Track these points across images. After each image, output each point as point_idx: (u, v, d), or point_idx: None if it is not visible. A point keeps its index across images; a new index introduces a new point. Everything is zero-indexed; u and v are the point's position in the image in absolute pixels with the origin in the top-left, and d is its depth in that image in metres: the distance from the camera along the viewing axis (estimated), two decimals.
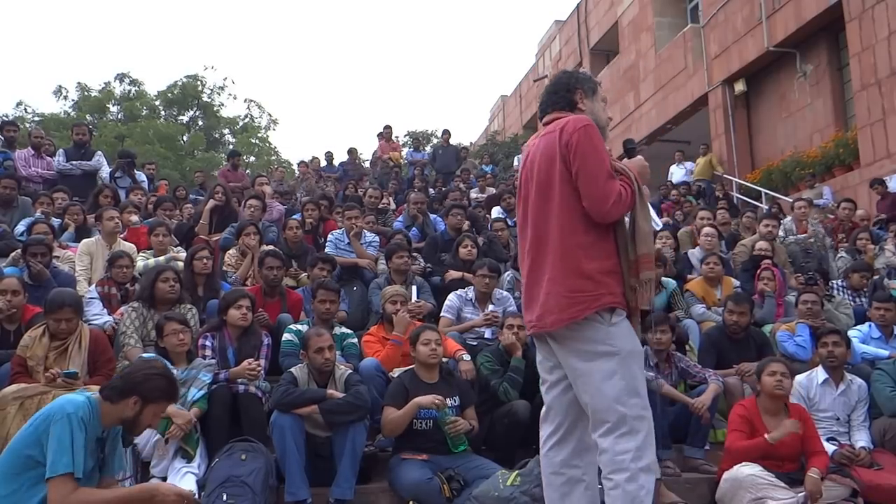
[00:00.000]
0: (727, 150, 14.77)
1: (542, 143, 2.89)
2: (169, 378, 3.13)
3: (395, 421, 4.29)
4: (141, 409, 3.00)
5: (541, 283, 2.81)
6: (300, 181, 14.58)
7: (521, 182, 3.01)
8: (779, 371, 4.41)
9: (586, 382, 2.74)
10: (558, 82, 3.03)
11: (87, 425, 2.89)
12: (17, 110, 26.52)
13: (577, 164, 2.75)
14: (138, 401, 2.99)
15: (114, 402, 2.99)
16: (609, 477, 2.70)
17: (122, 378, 3.07)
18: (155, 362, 3.30)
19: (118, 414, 3.01)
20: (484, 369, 4.81)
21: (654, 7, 17.41)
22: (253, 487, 3.82)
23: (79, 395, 3.00)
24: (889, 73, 10.74)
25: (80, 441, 2.85)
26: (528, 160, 2.95)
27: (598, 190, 2.73)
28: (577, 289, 2.72)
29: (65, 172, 9.12)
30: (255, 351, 4.80)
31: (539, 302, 2.80)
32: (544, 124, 2.97)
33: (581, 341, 2.75)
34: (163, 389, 3.05)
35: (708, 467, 4.67)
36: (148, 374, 3.05)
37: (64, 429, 2.82)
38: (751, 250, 7.30)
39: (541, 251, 2.83)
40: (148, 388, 3.00)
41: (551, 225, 2.81)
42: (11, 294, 4.84)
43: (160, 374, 3.09)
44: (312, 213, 8.01)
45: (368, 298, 6.33)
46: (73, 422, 2.84)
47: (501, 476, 3.96)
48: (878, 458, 4.60)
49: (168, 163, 23.62)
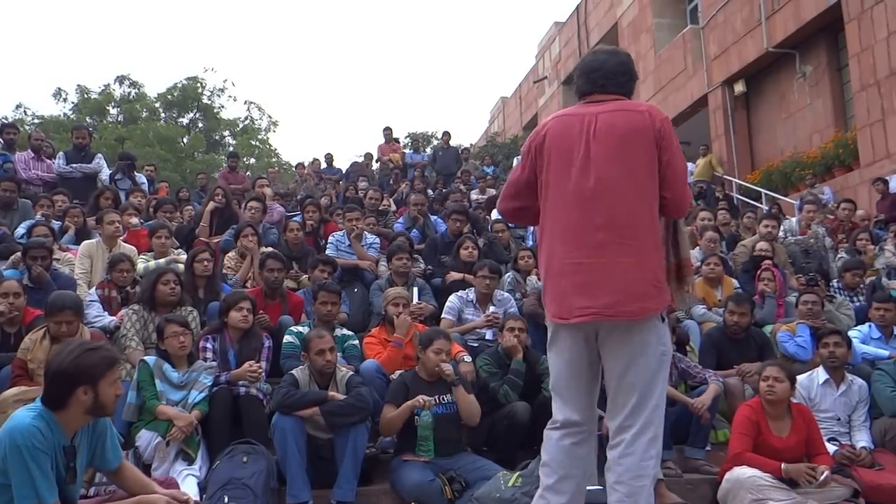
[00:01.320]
0: (727, 150, 14.79)
1: (620, 117, 2.72)
2: (94, 347, 2.89)
3: (391, 420, 4.30)
4: (95, 392, 2.79)
5: (617, 267, 2.62)
6: (300, 183, 14.60)
7: (572, 137, 2.73)
8: (771, 376, 4.40)
9: (643, 372, 2.67)
10: (625, 65, 2.89)
11: (42, 448, 2.69)
12: (16, 113, 26.60)
13: (668, 155, 2.69)
14: (87, 388, 2.78)
15: (65, 407, 2.78)
16: (629, 483, 2.63)
17: (52, 380, 2.80)
18: (65, 347, 2.94)
19: (77, 413, 2.81)
20: (483, 372, 4.81)
21: (654, 8, 17.42)
22: (254, 489, 3.82)
23: (27, 416, 2.75)
24: (888, 73, 10.75)
25: (39, 469, 2.66)
26: (586, 123, 2.72)
27: (684, 186, 2.77)
28: (660, 280, 2.69)
29: (65, 175, 9.11)
30: (256, 353, 4.80)
31: (617, 287, 2.62)
32: (601, 101, 2.79)
33: (647, 333, 2.67)
34: (99, 363, 2.82)
35: (709, 468, 4.66)
36: (74, 359, 2.78)
37: (17, 462, 2.65)
38: (751, 251, 7.31)
39: (624, 232, 2.64)
40: (85, 371, 2.78)
41: (641, 207, 2.67)
42: (13, 296, 4.84)
43: (82, 350, 2.83)
44: (313, 215, 8.01)
45: (369, 300, 6.33)
46: (24, 454, 2.65)
47: (503, 477, 3.97)
48: (879, 458, 4.60)
49: (168, 165, 23.64)
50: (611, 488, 2.69)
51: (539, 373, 4.77)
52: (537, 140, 2.83)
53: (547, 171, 2.78)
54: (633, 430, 2.66)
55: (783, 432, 4.38)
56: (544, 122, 2.88)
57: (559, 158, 2.75)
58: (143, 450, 4.09)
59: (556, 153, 2.76)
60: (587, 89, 2.86)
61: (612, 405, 2.76)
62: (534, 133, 2.88)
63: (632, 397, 2.67)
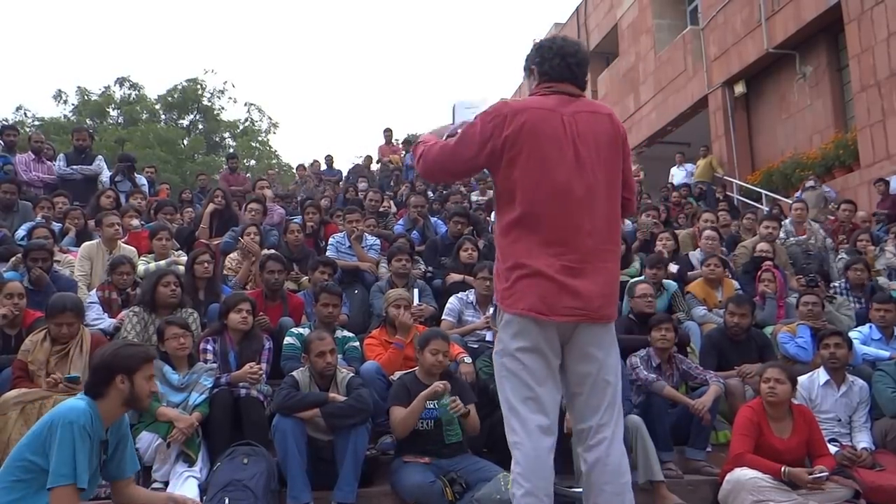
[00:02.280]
0: (727, 151, 14.80)
1: (596, 121, 2.73)
2: (132, 343, 3.25)
3: (406, 418, 4.26)
4: (131, 382, 3.01)
5: (602, 270, 2.69)
6: (300, 185, 14.60)
7: (558, 136, 2.66)
8: (773, 377, 4.40)
9: (615, 371, 2.76)
10: (588, 59, 2.91)
11: (90, 432, 2.87)
12: (17, 114, 26.65)
13: (628, 159, 2.83)
14: (123, 378, 2.99)
15: (105, 396, 2.99)
16: (616, 482, 2.65)
17: (94, 371, 3.08)
18: (111, 342, 3.34)
19: (115, 403, 3.01)
20: (483, 374, 4.81)
21: (654, 9, 17.44)
22: (255, 491, 3.82)
23: (80, 401, 2.98)
24: (888, 74, 10.76)
25: (83, 450, 2.83)
26: (567, 123, 2.68)
27: (635, 191, 2.86)
28: None
29: (65, 177, 9.11)
30: (257, 355, 4.80)
31: (602, 290, 2.67)
32: (574, 98, 2.77)
33: (613, 333, 2.80)
34: (136, 354, 3.07)
35: (710, 469, 4.66)
36: (114, 351, 3.07)
37: (66, 438, 2.80)
38: (751, 252, 7.31)
39: (607, 237, 2.72)
40: (123, 361, 3.01)
41: (616, 213, 2.78)
42: (17, 297, 4.85)
43: (122, 345, 3.16)
44: (313, 217, 8.01)
45: (370, 302, 6.33)
46: (75, 431, 2.82)
47: (503, 479, 3.96)
48: (880, 459, 4.60)
49: (168, 167, 23.65)
50: (598, 489, 2.67)
51: None
52: (510, 129, 2.64)
53: (521, 164, 2.65)
54: (611, 428, 2.69)
55: (784, 433, 4.38)
56: (514, 109, 2.67)
57: (541, 156, 2.64)
58: (144, 451, 4.08)
59: (538, 149, 2.64)
60: (564, 75, 2.78)
61: (585, 406, 2.73)
62: (500, 117, 2.66)
63: (607, 395, 2.71)
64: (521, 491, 2.59)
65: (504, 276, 2.73)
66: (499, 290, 2.76)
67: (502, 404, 2.74)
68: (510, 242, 2.72)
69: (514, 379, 2.69)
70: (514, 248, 2.70)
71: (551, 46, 2.81)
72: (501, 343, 2.74)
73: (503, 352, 2.73)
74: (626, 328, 5.59)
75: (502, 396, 2.74)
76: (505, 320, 2.71)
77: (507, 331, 2.70)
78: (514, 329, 2.68)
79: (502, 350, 2.73)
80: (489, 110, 2.72)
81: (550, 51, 2.80)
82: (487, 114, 2.71)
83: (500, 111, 2.69)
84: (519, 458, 2.63)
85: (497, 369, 2.78)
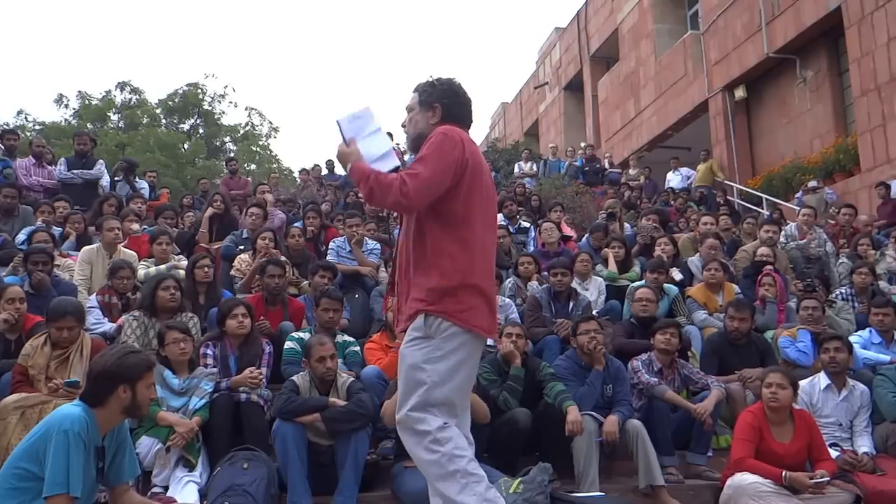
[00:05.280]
0: (728, 156, 14.80)
1: None
2: (135, 351, 3.18)
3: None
4: (133, 392, 2.99)
5: None
6: (301, 189, 14.59)
7: (483, 174, 2.87)
8: (774, 382, 4.39)
9: None
10: None
11: (85, 440, 2.85)
12: (17, 119, 26.58)
13: None
14: (126, 388, 2.97)
15: (105, 405, 2.97)
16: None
17: (95, 379, 3.02)
18: (111, 348, 3.25)
19: (115, 411, 2.99)
20: (482, 379, 4.79)
21: (654, 14, 17.46)
22: (255, 496, 3.81)
23: (75, 408, 2.96)
24: (889, 78, 10.76)
25: (78, 459, 2.81)
26: (482, 163, 2.90)
27: None
28: None
29: (66, 181, 9.11)
30: (257, 359, 4.81)
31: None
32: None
33: None
34: (139, 364, 3.05)
35: (711, 474, 4.65)
36: (117, 360, 3.01)
37: (61, 446, 2.78)
38: (752, 256, 7.30)
39: None
40: (126, 371, 2.99)
41: None
42: (18, 302, 4.85)
43: (124, 353, 3.09)
44: (314, 221, 8.01)
45: (370, 306, 6.32)
46: (70, 439, 2.80)
47: (504, 483, 3.95)
48: (881, 464, 4.59)
49: (169, 171, 23.61)
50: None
51: (539, 379, 4.76)
52: (467, 155, 2.77)
53: (478, 192, 2.82)
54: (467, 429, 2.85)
55: (785, 438, 4.37)
56: (462, 137, 2.80)
57: (483, 193, 2.85)
58: (144, 456, 4.08)
59: (482, 186, 2.84)
60: (467, 122, 2.97)
61: (462, 409, 2.85)
62: (460, 143, 2.77)
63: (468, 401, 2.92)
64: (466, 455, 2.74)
65: (453, 291, 2.75)
66: (445, 301, 2.75)
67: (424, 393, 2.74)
68: (467, 261, 2.77)
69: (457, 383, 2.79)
70: (469, 267, 2.78)
71: (458, 93, 2.94)
72: (441, 350, 2.74)
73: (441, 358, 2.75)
74: (628, 332, 5.59)
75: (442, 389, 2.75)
76: (450, 332, 2.74)
77: (451, 342, 2.74)
78: (458, 341, 2.75)
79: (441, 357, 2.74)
80: (449, 136, 2.76)
81: (457, 96, 2.93)
82: (450, 140, 2.75)
83: (455, 138, 2.77)
84: (452, 435, 2.71)
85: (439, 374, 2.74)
